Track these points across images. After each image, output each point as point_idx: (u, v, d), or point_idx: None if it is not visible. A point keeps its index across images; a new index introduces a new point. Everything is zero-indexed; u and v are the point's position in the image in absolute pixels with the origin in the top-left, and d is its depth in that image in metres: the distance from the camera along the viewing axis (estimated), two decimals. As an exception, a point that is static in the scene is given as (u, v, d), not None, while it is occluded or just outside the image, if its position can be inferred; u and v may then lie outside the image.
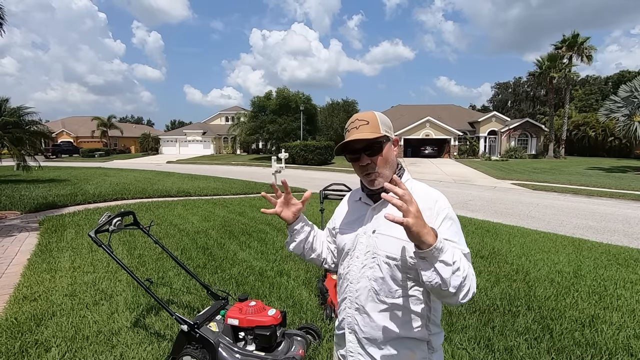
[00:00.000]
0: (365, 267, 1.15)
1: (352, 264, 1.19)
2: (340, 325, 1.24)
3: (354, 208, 1.27)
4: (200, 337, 2.27)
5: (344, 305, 1.21)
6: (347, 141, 1.11)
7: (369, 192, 1.20)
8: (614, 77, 51.07)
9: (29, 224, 6.92)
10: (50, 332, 2.87)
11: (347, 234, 1.22)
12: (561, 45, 30.34)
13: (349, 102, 37.90)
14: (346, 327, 1.20)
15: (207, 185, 13.15)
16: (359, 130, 1.11)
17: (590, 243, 5.80)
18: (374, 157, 1.11)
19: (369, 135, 1.09)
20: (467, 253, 1.06)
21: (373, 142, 1.10)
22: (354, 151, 1.13)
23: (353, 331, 1.18)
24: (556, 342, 2.77)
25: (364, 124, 1.11)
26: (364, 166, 1.12)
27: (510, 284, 3.94)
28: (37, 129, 15.30)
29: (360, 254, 1.17)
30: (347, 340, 1.19)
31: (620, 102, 20.43)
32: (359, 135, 1.09)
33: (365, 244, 1.16)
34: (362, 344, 1.16)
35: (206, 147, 44.73)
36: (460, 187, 14.01)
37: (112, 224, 2.58)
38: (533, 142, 33.48)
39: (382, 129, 1.12)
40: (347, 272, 1.20)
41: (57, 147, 41.62)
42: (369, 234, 1.16)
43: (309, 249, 1.34)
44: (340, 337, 1.25)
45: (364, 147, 1.11)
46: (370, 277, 1.13)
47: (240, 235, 5.97)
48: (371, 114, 1.14)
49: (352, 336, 1.18)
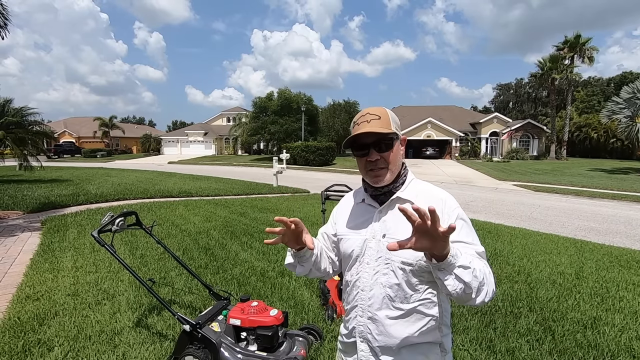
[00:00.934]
0: (377, 273, 1.09)
1: (363, 271, 1.12)
2: (351, 334, 1.17)
3: (358, 211, 1.19)
4: (202, 337, 2.27)
5: (354, 313, 1.15)
6: (358, 134, 1.06)
7: (373, 192, 1.15)
8: (616, 78, 50.94)
9: (32, 223, 6.94)
10: (53, 331, 2.88)
11: (353, 239, 1.15)
12: (563, 46, 30.29)
13: (351, 103, 37.87)
14: (357, 336, 1.14)
15: (209, 185, 13.17)
16: (370, 124, 1.06)
17: (592, 245, 5.79)
18: (383, 153, 1.07)
19: (381, 130, 1.05)
20: (482, 252, 1.03)
21: (384, 138, 1.06)
22: (363, 146, 1.08)
23: (365, 340, 1.13)
24: (558, 344, 2.77)
25: (375, 118, 1.07)
26: (372, 162, 1.08)
27: (512, 285, 3.94)
28: (40, 129, 15.35)
29: (371, 260, 1.10)
30: (359, 350, 1.14)
31: (623, 104, 20.36)
32: (371, 128, 1.05)
33: (375, 249, 1.10)
34: (375, 352, 1.11)
35: (207, 148, 44.78)
36: (462, 189, 13.99)
37: (115, 224, 2.59)
38: (535, 144, 33.40)
39: (392, 125, 1.09)
40: (356, 280, 1.14)
41: (59, 147, 41.79)
42: (378, 239, 1.10)
43: (315, 270, 1.22)
44: (349, 346, 1.20)
45: (374, 142, 1.06)
46: (385, 283, 1.08)
47: (241, 235, 5.97)
48: (382, 110, 1.10)
49: (365, 345, 1.13)
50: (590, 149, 34.96)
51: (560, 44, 30.58)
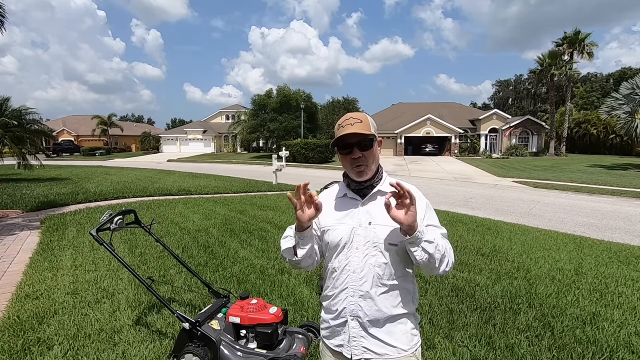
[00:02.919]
0: (367, 256, 1.26)
1: (352, 255, 1.27)
2: (339, 315, 1.31)
3: (341, 204, 1.34)
4: (201, 335, 2.27)
5: (344, 295, 1.30)
6: (344, 135, 1.23)
7: (356, 187, 1.32)
8: (616, 74, 50.92)
9: (31, 222, 6.94)
10: (52, 330, 2.88)
11: (340, 229, 1.29)
12: (562, 42, 30.20)
13: (350, 100, 37.85)
14: (348, 315, 1.29)
15: (208, 183, 13.16)
16: (353, 127, 1.23)
17: (591, 241, 5.80)
18: (365, 151, 1.25)
19: (363, 131, 1.22)
20: (445, 233, 1.28)
21: (365, 138, 1.24)
22: (347, 145, 1.25)
23: (356, 317, 1.27)
24: (557, 340, 2.78)
25: (357, 122, 1.24)
26: (355, 159, 1.25)
27: (511, 282, 3.94)
28: (38, 127, 15.32)
29: (360, 245, 1.26)
30: (350, 327, 1.29)
31: (622, 100, 20.36)
32: (355, 130, 1.22)
33: (363, 236, 1.26)
34: (364, 327, 1.27)
35: (207, 146, 44.73)
36: (461, 185, 14.00)
37: (114, 223, 2.58)
38: (534, 140, 33.39)
39: (372, 128, 1.27)
40: (346, 264, 1.28)
41: (58, 145, 41.69)
42: (365, 226, 1.26)
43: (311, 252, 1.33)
44: (336, 327, 1.34)
45: (358, 141, 1.24)
46: (374, 264, 1.25)
47: (241, 233, 5.97)
48: (363, 115, 1.29)
49: (355, 322, 1.28)
50: (590, 145, 34.97)
51: (559, 40, 30.51)
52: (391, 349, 1.27)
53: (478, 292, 3.66)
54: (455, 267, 4.30)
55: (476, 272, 4.22)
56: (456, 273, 4.16)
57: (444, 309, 3.27)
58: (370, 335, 1.27)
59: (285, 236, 1.38)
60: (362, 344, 1.28)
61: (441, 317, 3.12)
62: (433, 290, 3.67)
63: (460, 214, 8.01)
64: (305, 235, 1.28)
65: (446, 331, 2.90)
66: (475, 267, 4.39)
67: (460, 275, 4.12)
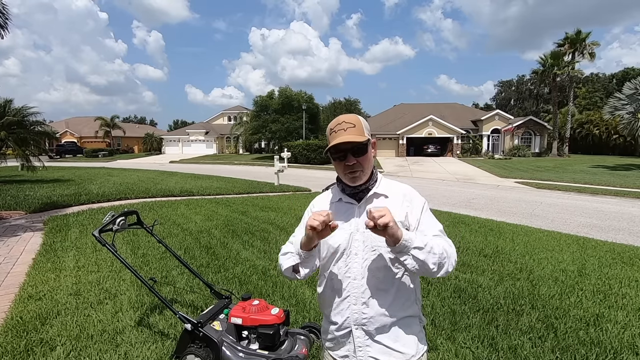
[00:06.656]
0: (366, 260, 1.22)
1: (352, 261, 1.23)
2: (343, 325, 1.25)
3: (337, 209, 1.28)
4: (203, 336, 2.27)
5: (346, 303, 1.24)
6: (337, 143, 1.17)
7: (351, 191, 1.27)
8: (619, 74, 50.74)
9: (34, 223, 6.96)
10: (55, 331, 2.89)
11: (338, 234, 1.22)
12: (564, 42, 30.10)
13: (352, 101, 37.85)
14: (352, 325, 1.23)
15: (210, 184, 13.19)
16: (347, 132, 1.19)
17: (594, 241, 5.77)
18: (359, 157, 1.21)
19: (358, 139, 1.17)
20: (441, 228, 1.24)
21: (359, 144, 1.19)
22: (340, 151, 1.20)
23: (361, 325, 1.22)
24: (560, 341, 2.76)
25: (350, 126, 1.20)
26: (349, 165, 1.20)
27: (514, 283, 3.93)
28: (41, 129, 15.38)
29: (359, 250, 1.22)
30: (355, 337, 1.24)
31: (625, 100, 20.27)
32: (349, 137, 1.17)
33: (361, 241, 1.22)
34: (371, 335, 1.23)
35: (209, 147, 44.84)
36: (463, 186, 13.96)
37: (116, 224, 2.59)
38: (536, 141, 33.29)
39: (365, 132, 1.22)
40: (346, 271, 1.24)
41: (61, 147, 41.88)
42: (362, 231, 1.21)
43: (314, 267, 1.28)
44: (340, 338, 1.27)
45: (351, 148, 1.19)
46: (373, 268, 1.21)
47: (243, 234, 5.98)
48: (356, 118, 1.23)
49: (360, 331, 1.23)
50: (592, 146, 34.84)
51: (561, 40, 30.41)
52: (398, 355, 1.23)
53: (481, 293, 3.64)
54: (458, 269, 4.29)
55: (479, 273, 4.21)
56: (458, 274, 4.15)
57: (447, 310, 3.26)
58: (377, 342, 1.23)
59: (285, 252, 1.29)
60: (369, 354, 1.23)
61: (443, 319, 3.11)
62: (435, 292, 3.66)
63: (462, 214, 7.99)
64: (312, 255, 1.22)
65: (448, 332, 2.89)
66: (477, 268, 4.38)
67: (463, 276, 4.10)
